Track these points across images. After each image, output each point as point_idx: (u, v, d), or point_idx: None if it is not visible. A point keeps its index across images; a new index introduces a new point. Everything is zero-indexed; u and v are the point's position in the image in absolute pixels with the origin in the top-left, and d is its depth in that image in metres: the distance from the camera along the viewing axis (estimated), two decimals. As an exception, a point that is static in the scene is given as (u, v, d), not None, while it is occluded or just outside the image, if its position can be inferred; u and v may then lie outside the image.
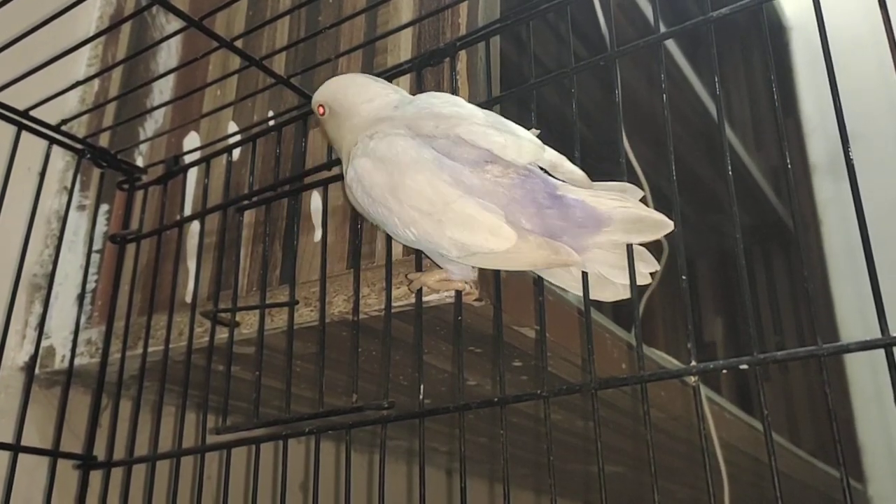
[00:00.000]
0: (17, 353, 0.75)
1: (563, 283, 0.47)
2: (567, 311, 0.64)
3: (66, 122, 0.68)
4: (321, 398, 0.52)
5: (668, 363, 0.88)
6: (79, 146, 0.70)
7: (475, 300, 0.52)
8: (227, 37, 0.57)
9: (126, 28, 0.85)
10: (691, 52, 1.14)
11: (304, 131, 0.63)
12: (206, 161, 0.69)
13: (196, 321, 0.63)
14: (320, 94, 0.53)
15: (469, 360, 0.67)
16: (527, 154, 0.44)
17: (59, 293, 0.75)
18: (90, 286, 0.75)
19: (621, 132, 0.48)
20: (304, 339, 0.62)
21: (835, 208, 1.53)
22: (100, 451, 0.67)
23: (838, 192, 1.52)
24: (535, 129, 0.49)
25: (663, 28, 0.48)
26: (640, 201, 0.45)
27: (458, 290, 0.51)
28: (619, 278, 0.45)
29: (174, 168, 0.71)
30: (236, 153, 0.70)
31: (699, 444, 0.40)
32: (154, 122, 0.79)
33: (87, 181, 0.80)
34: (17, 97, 0.63)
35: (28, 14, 0.57)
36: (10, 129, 0.65)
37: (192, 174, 0.72)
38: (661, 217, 0.44)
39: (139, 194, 0.74)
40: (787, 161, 0.42)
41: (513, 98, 0.54)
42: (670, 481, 1.18)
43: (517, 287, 0.56)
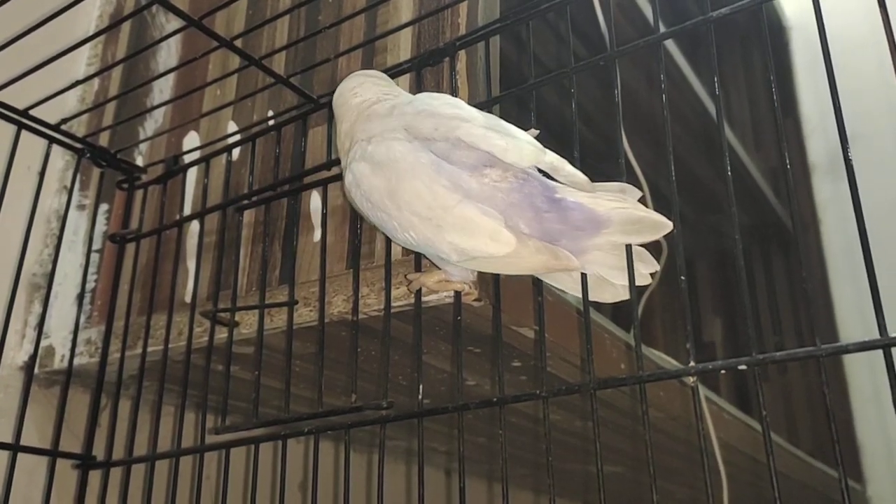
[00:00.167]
0: (17, 352, 0.75)
1: (563, 286, 0.47)
2: (566, 312, 0.65)
3: (65, 121, 0.68)
4: (320, 398, 0.52)
5: (666, 363, 0.88)
6: (78, 145, 0.70)
7: (474, 300, 0.52)
8: (226, 36, 0.57)
9: (126, 27, 0.85)
10: (691, 52, 1.14)
11: (303, 131, 0.63)
12: (205, 161, 0.69)
13: (195, 321, 0.63)
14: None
15: (468, 360, 0.67)
16: (528, 157, 0.44)
17: (59, 293, 0.75)
18: (90, 286, 0.75)
19: (621, 132, 0.48)
20: (304, 339, 0.62)
21: (834, 208, 1.53)
22: (99, 451, 0.67)
23: (837, 192, 1.52)
24: (534, 129, 0.48)
25: (663, 28, 0.48)
26: (639, 201, 0.45)
27: (457, 291, 0.51)
28: (618, 279, 0.45)
29: (174, 168, 0.71)
30: (236, 153, 0.70)
31: (698, 444, 0.40)
32: (154, 122, 0.79)
33: (86, 180, 0.80)
34: (17, 96, 0.63)
35: (27, 13, 0.57)
36: (10, 129, 0.65)
37: (192, 174, 0.72)
38: (660, 218, 0.44)
39: (139, 194, 0.74)
40: (787, 161, 0.42)
41: (512, 98, 0.54)
42: (669, 481, 1.18)
43: (516, 287, 0.56)
